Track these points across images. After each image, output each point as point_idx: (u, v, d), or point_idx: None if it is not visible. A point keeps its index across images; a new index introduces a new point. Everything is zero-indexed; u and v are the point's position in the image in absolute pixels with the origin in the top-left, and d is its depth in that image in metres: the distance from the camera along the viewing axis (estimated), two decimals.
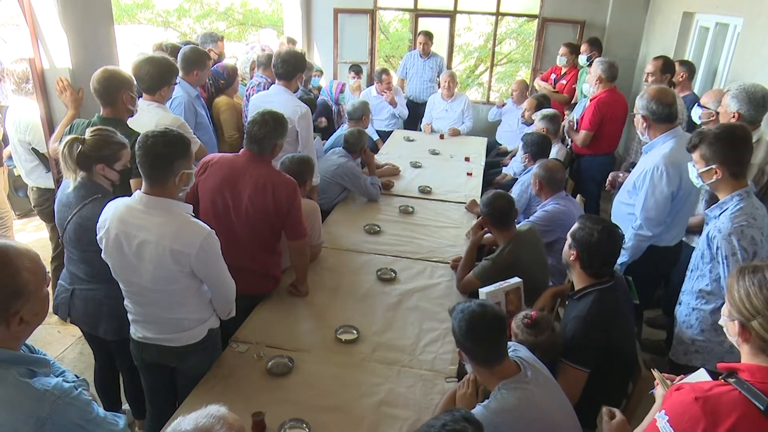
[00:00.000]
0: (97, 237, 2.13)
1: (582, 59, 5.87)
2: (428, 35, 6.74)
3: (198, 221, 2.12)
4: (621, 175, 3.46)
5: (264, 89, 4.16)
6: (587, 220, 2.28)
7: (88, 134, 2.31)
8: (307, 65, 5.05)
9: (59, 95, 3.15)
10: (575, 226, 2.31)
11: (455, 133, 6.11)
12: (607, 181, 3.68)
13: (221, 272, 2.20)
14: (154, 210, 2.05)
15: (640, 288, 2.72)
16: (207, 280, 2.18)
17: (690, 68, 4.40)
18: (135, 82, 2.86)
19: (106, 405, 2.80)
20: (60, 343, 3.50)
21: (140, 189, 2.11)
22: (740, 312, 1.36)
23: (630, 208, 2.98)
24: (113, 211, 2.09)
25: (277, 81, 3.73)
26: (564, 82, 6.24)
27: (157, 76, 3.02)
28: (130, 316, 2.25)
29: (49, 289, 1.48)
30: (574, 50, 6.08)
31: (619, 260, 2.95)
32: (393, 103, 6.21)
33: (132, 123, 2.89)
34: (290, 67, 3.65)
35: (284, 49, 3.95)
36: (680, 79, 4.30)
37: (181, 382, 2.33)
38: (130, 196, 2.19)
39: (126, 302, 2.22)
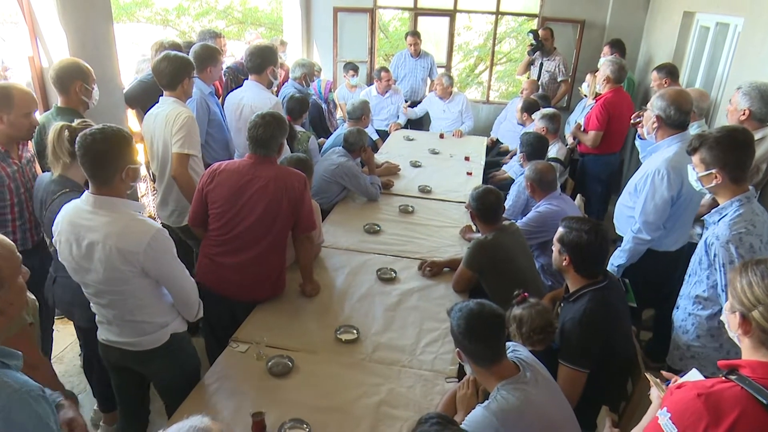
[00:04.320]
0: (53, 240, 2.10)
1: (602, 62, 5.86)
2: (416, 35, 6.72)
3: (145, 219, 2.06)
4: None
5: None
6: (572, 223, 2.28)
7: (77, 124, 2.34)
8: (307, 64, 5.06)
9: None
10: (561, 230, 2.30)
11: (460, 134, 6.10)
12: (633, 117, 3.56)
13: (176, 271, 2.13)
14: (100, 209, 1.99)
15: (639, 292, 2.71)
16: (161, 279, 2.12)
17: (670, 70, 4.25)
18: (92, 75, 2.92)
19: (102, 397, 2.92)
20: (58, 343, 3.48)
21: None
22: (741, 303, 1.37)
23: (630, 211, 2.97)
24: (63, 214, 2.06)
25: (249, 76, 3.76)
26: None
27: (173, 72, 3.08)
28: (96, 318, 2.22)
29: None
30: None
31: (617, 262, 2.96)
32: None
33: (147, 117, 3.11)
34: (258, 60, 3.67)
35: (253, 43, 3.96)
36: (665, 85, 4.12)
37: (158, 389, 2.33)
38: None
39: (91, 305, 2.20)
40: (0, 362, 1.36)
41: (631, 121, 3.67)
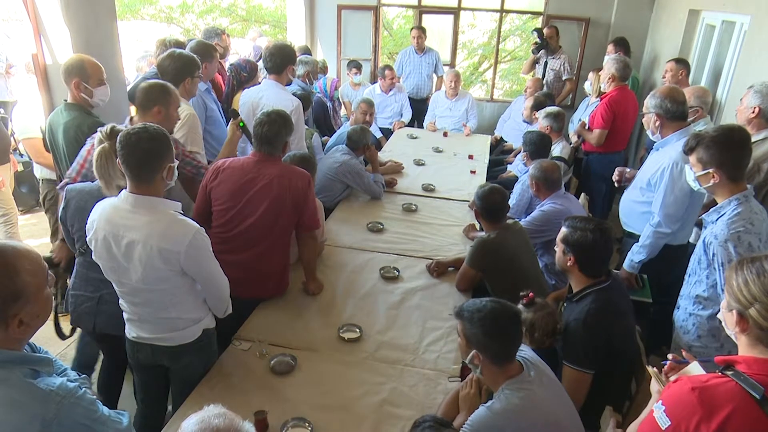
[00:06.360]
0: (86, 238, 2.09)
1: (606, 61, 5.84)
2: (421, 30, 6.69)
3: (186, 219, 2.06)
4: (628, 170, 3.40)
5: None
6: (576, 222, 2.26)
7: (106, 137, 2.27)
8: (310, 62, 5.06)
9: None
10: (565, 230, 2.28)
11: (468, 132, 6.09)
12: (614, 177, 3.61)
13: (213, 270, 2.15)
14: (141, 209, 1.99)
15: (654, 287, 2.69)
16: (198, 278, 2.13)
17: (687, 65, 4.37)
18: (95, 74, 2.93)
19: (104, 403, 2.85)
20: (60, 342, 3.46)
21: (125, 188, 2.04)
22: (738, 301, 1.37)
23: (643, 207, 2.96)
24: (100, 212, 2.05)
25: (267, 75, 3.74)
26: None
27: (176, 70, 3.11)
28: (125, 315, 2.21)
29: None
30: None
31: (636, 258, 2.95)
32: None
33: None
34: (278, 59, 3.65)
35: (272, 43, 3.95)
36: (680, 76, 4.26)
37: (174, 384, 2.32)
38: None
39: (120, 302, 2.19)
40: (32, 370, 1.37)
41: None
